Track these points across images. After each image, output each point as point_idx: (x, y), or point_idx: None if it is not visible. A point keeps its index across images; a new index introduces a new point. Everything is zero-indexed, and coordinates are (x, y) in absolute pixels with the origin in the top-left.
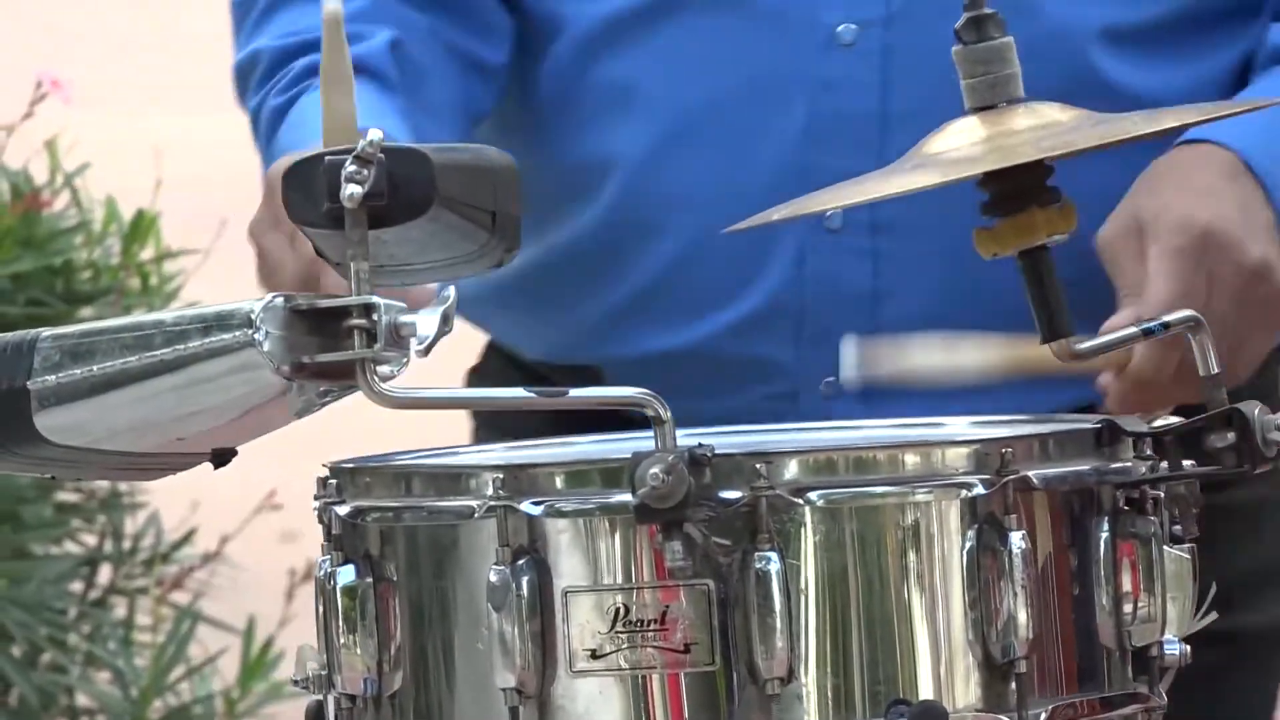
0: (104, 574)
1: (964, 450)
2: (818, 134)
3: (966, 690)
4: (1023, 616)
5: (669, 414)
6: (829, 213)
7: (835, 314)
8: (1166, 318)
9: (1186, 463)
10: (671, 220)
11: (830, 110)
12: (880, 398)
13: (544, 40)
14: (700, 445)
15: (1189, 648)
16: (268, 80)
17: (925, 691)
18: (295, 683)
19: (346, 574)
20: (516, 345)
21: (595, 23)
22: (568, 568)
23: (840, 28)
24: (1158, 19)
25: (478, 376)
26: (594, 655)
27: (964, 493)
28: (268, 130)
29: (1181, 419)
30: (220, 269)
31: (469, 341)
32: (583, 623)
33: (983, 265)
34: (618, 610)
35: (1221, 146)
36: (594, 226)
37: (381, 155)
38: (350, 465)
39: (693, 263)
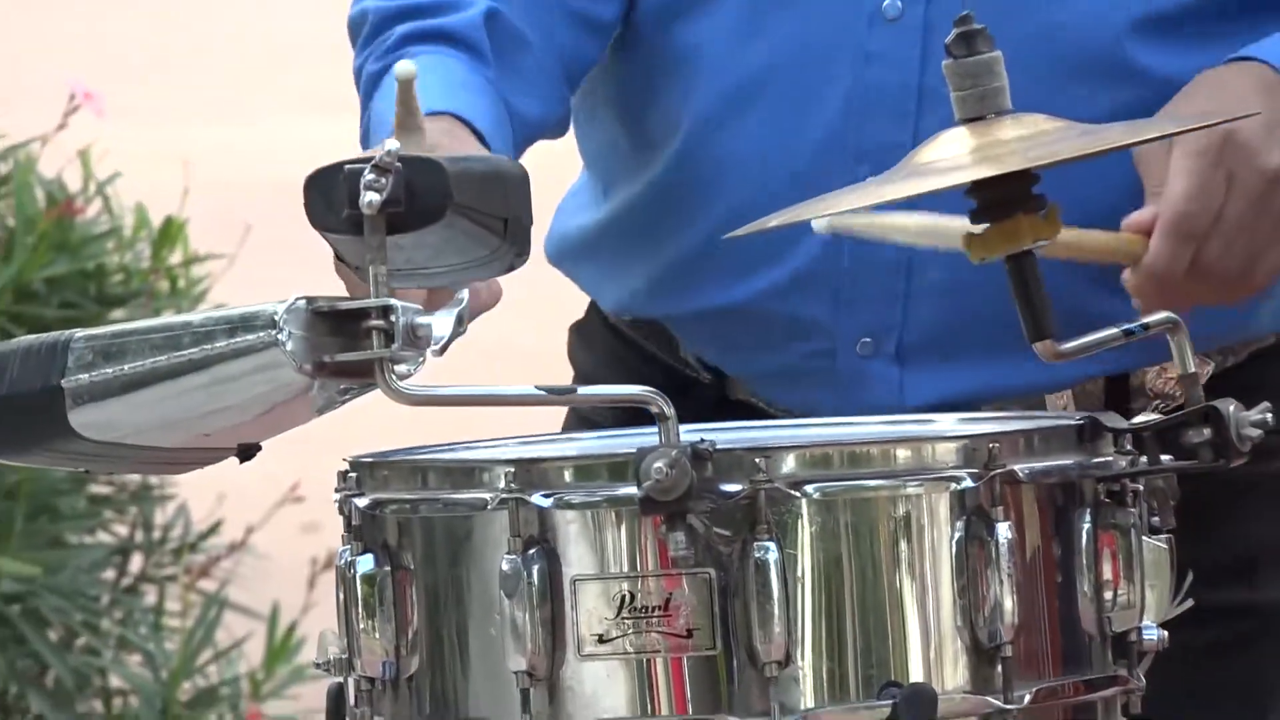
0: (135, 563)
1: (953, 445)
2: (860, 104)
3: (955, 673)
4: (1008, 603)
5: (672, 410)
6: (771, 229)
7: (870, 280)
8: (1146, 320)
9: (1165, 457)
10: (727, 180)
11: (873, 81)
12: (913, 359)
13: (626, 5)
14: (702, 440)
15: (1167, 633)
16: (370, 42)
17: (916, 674)
18: (317, 666)
19: (366, 563)
20: (597, 296)
21: None
22: (576, 557)
23: (886, 3)
24: (1190, 6)
25: (579, 331)
26: (601, 640)
27: (953, 486)
28: (365, 93)
29: (1160, 416)
30: (245, 273)
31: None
32: (590, 609)
33: None
34: (624, 597)
35: (1262, 63)
36: (660, 184)
37: (399, 164)
38: (369, 460)
39: (745, 222)
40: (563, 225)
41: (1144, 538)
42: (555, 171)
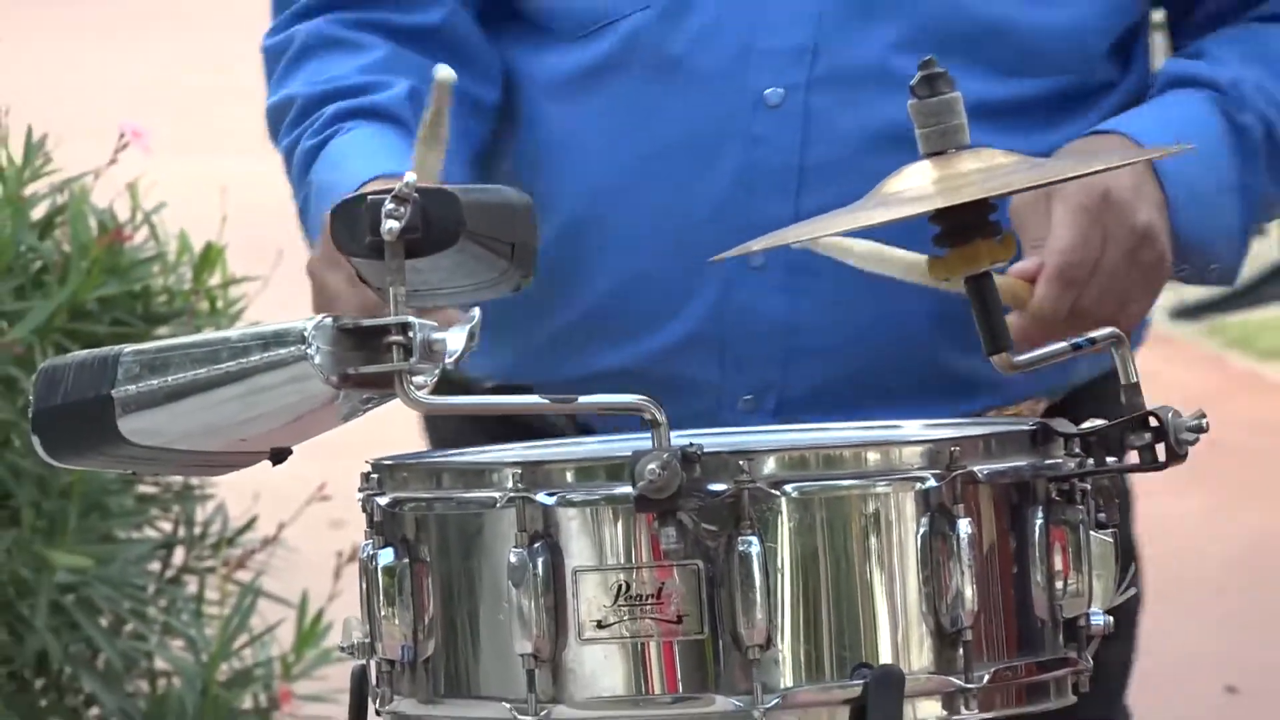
0: (178, 556)
1: (918, 449)
2: (746, 183)
3: (920, 655)
4: (969, 592)
5: (665, 417)
6: (756, 251)
7: (753, 342)
8: (1092, 334)
9: (1109, 459)
10: (609, 259)
11: (757, 162)
12: (791, 414)
13: (512, 87)
14: (691, 444)
15: (1112, 618)
16: (300, 123)
17: (885, 656)
18: (342, 649)
19: (386, 556)
20: (465, 371)
21: (551, 78)
22: (577, 550)
23: (768, 91)
24: (1030, 98)
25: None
26: (600, 625)
27: (918, 485)
28: (300, 169)
29: (1106, 421)
30: (277, 293)
31: None
32: (590, 597)
33: (887, 302)
34: (620, 587)
35: (1123, 135)
36: (544, 257)
37: (416, 195)
38: (389, 462)
39: (628, 294)
40: None
41: (1091, 532)
42: None
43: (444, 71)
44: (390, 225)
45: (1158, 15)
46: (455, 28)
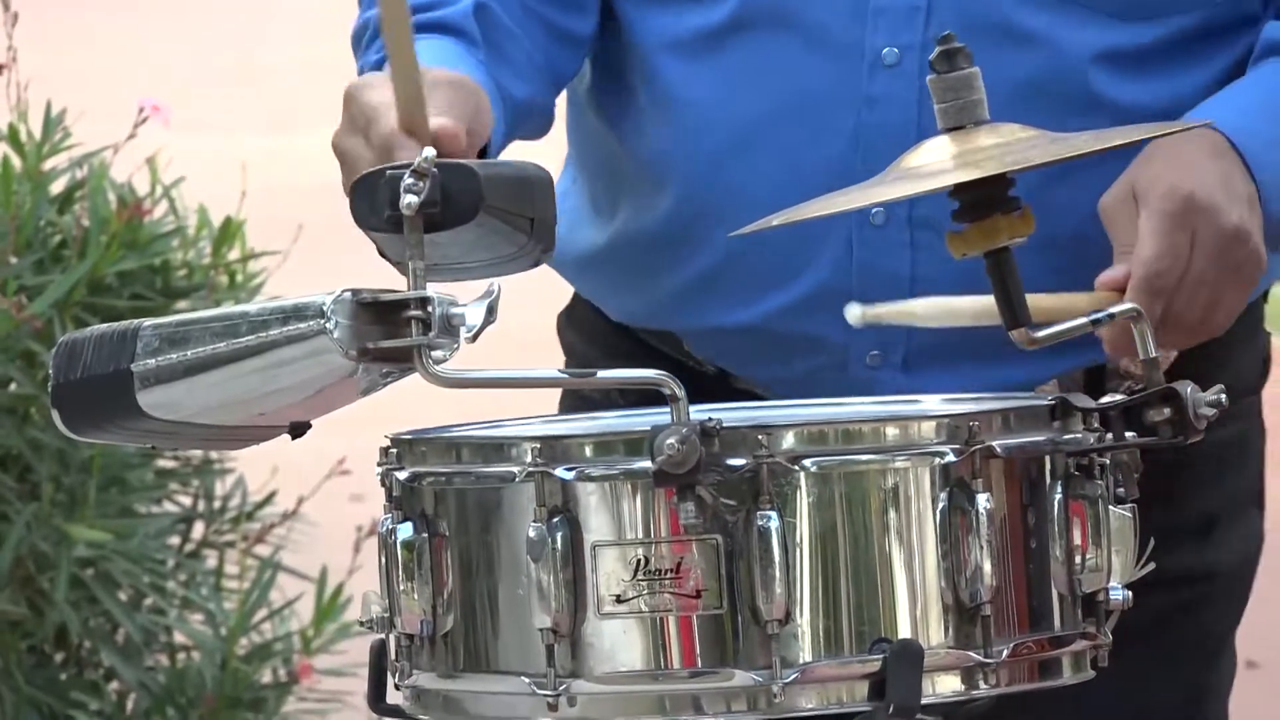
0: (198, 530)
1: (936, 423)
2: (864, 143)
3: (939, 630)
4: (988, 567)
5: (683, 392)
6: (874, 209)
7: (877, 297)
8: (1112, 309)
9: (1128, 434)
10: (731, 215)
11: (875, 123)
12: (918, 367)
13: (626, 38)
14: (710, 419)
15: (1132, 593)
16: (373, 42)
17: (904, 631)
18: (361, 624)
19: (405, 530)
20: (603, 305)
21: (668, 37)
22: (596, 524)
23: (885, 50)
24: (1152, 42)
25: (568, 319)
26: (619, 600)
27: (937, 460)
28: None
29: (1125, 396)
30: (297, 268)
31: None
32: (609, 572)
33: None
34: (639, 561)
35: (1216, 131)
36: (665, 214)
37: (435, 169)
38: (409, 436)
39: (752, 251)
40: (563, 234)
41: (1110, 507)
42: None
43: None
44: (409, 199)
45: None
46: None
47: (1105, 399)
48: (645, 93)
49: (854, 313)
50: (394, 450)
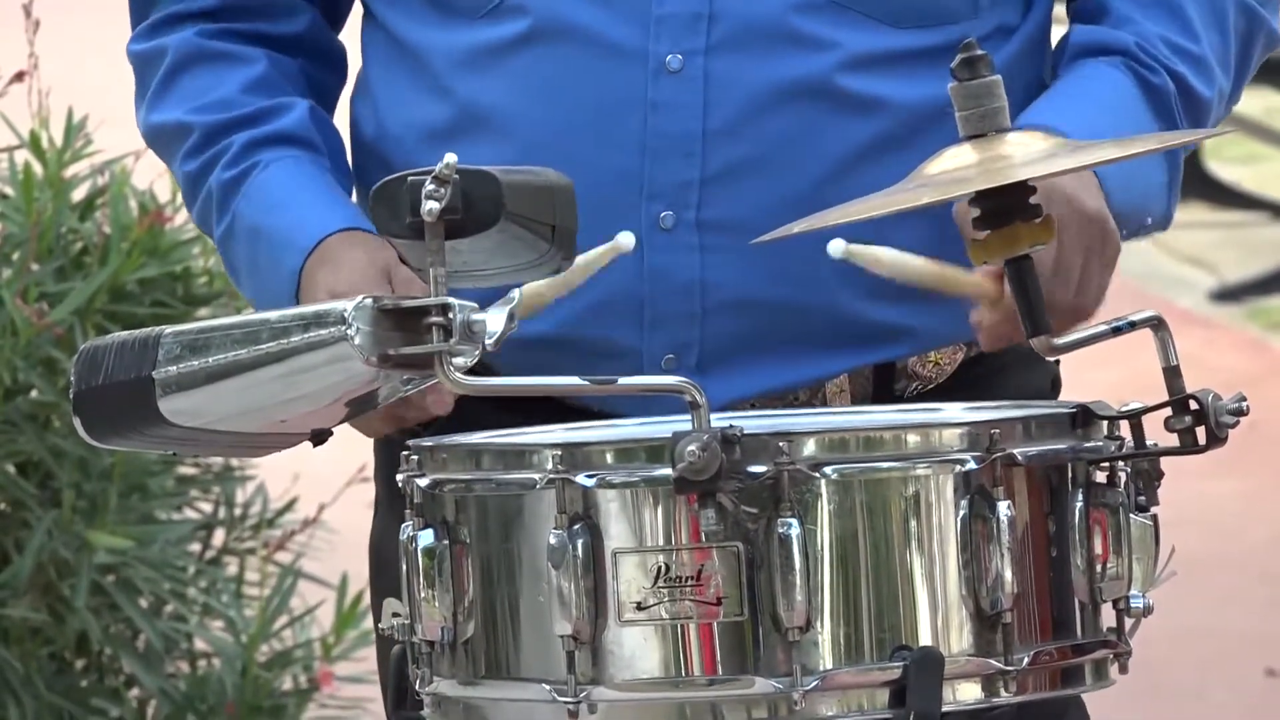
0: (218, 537)
1: (958, 431)
2: (650, 149)
3: (960, 638)
4: (1009, 575)
5: (705, 399)
6: (663, 213)
7: (669, 301)
8: (1132, 317)
9: (1150, 442)
10: None
11: (661, 130)
12: (712, 369)
13: (410, 59)
14: (731, 426)
15: (1152, 600)
16: (204, 151)
17: (925, 639)
18: (382, 631)
19: (426, 537)
20: None
21: (454, 54)
22: (617, 531)
23: (669, 57)
24: (927, 47)
25: None
26: (639, 607)
27: (958, 468)
28: (221, 199)
29: (1146, 404)
30: None
31: None
32: (629, 579)
33: (792, 254)
34: (660, 568)
35: (1051, 130)
36: None
37: (456, 176)
38: (430, 444)
39: None
40: None
41: (1131, 515)
42: None
43: (627, 239)
44: (430, 206)
45: None
46: (318, 33)
47: (1127, 407)
48: (439, 111)
49: (838, 247)
50: (415, 457)
